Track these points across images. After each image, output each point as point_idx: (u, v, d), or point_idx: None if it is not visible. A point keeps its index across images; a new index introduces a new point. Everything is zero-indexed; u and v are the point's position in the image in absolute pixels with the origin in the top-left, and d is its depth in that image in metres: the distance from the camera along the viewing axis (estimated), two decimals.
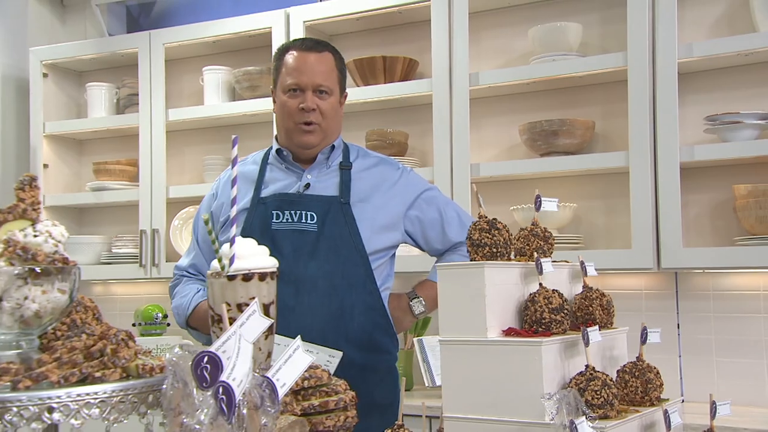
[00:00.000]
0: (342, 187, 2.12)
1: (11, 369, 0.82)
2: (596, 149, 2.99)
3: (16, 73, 3.94)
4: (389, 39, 3.40)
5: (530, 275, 1.60)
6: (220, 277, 0.93)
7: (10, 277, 0.85)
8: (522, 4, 3.11)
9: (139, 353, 0.91)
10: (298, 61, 2.11)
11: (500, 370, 1.45)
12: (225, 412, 0.71)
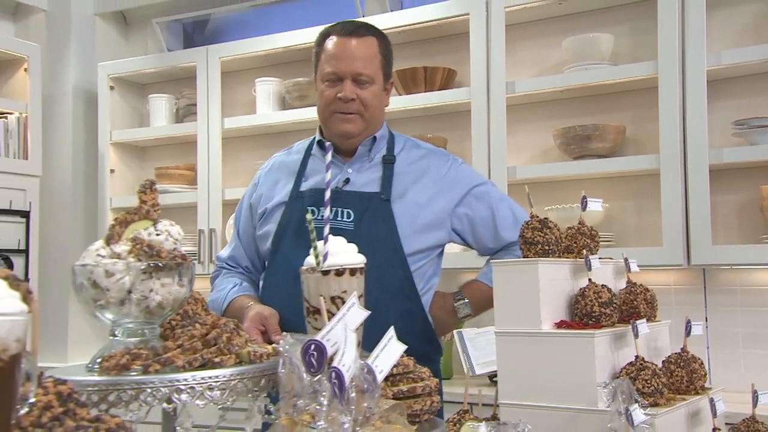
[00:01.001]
0: (383, 182, 1.87)
1: (142, 354, 0.85)
2: (627, 152, 2.96)
3: (86, 86, 4.00)
4: (429, 50, 3.40)
5: (579, 271, 1.59)
6: (315, 272, 0.95)
7: (137, 272, 0.87)
8: (556, 17, 3.10)
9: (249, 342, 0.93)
10: (337, 47, 1.85)
11: (554, 360, 1.45)
12: (338, 395, 0.72)
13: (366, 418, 0.77)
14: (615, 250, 2.69)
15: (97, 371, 0.86)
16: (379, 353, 0.84)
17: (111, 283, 0.86)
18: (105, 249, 0.88)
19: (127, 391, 0.80)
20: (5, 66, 3.58)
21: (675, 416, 1.41)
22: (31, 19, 4.03)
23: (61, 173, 3.89)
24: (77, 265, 0.89)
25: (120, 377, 0.82)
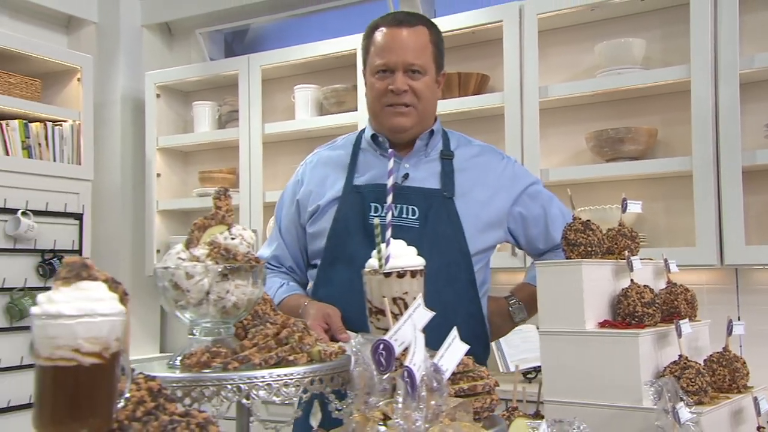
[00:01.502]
0: (444, 179, 1.76)
1: (221, 352, 0.87)
2: (658, 155, 2.94)
3: (134, 94, 4.07)
4: (463, 56, 3.40)
5: (620, 272, 1.59)
6: (377, 274, 0.96)
7: (215, 274, 0.89)
8: (588, 22, 3.08)
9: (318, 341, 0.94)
10: (387, 38, 1.72)
11: (598, 359, 1.44)
12: (410, 393, 0.74)
13: (435, 415, 0.78)
14: (647, 250, 2.66)
15: (179, 368, 0.88)
16: (444, 353, 0.85)
17: (191, 284, 0.88)
18: (185, 252, 0.90)
19: (209, 387, 0.82)
20: (60, 76, 3.65)
21: (719, 414, 1.40)
22: (82, 31, 4.11)
23: (111, 177, 3.96)
24: (159, 268, 0.91)
25: (201, 374, 0.84)
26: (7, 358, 3.19)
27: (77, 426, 0.66)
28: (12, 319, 3.21)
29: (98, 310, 0.66)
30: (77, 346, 0.65)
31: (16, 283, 3.23)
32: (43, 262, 3.33)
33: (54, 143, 3.47)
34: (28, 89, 3.45)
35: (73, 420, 0.66)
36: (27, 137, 3.38)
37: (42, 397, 0.67)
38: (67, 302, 0.66)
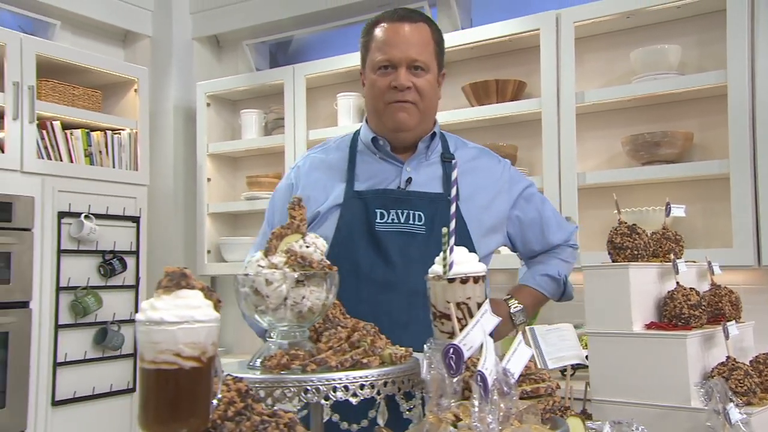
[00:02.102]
0: (447, 182, 1.65)
1: (299, 355, 0.88)
2: (694, 158, 2.89)
3: (185, 104, 4.13)
4: (500, 64, 3.39)
5: (666, 274, 1.58)
6: (441, 279, 0.96)
7: (292, 281, 0.91)
8: (624, 29, 3.05)
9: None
10: (389, 33, 1.59)
11: (646, 360, 1.44)
12: (483, 397, 0.74)
13: (505, 417, 0.78)
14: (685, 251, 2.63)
15: (259, 369, 0.90)
16: (510, 357, 0.86)
17: (270, 290, 0.90)
18: (264, 260, 0.92)
19: (290, 388, 0.83)
20: (118, 88, 3.72)
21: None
22: (138, 45, 4.18)
23: (165, 182, 4.03)
24: (241, 275, 0.93)
25: (282, 375, 0.85)
26: (72, 353, 3.26)
27: (178, 426, 0.68)
28: (76, 316, 3.28)
29: (196, 317, 0.68)
30: (178, 350, 0.67)
31: (80, 282, 3.30)
32: (104, 263, 3.40)
33: (113, 151, 3.53)
34: (90, 100, 3.52)
35: (175, 420, 0.68)
36: (89, 145, 3.45)
37: (146, 398, 0.69)
38: (168, 309, 0.68)
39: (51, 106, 3.29)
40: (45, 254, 3.17)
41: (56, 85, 3.36)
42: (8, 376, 3.01)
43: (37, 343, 3.12)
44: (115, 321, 3.43)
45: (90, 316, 3.32)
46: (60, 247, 3.23)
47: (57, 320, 3.20)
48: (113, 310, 3.41)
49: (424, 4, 3.67)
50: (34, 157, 3.17)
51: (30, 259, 3.10)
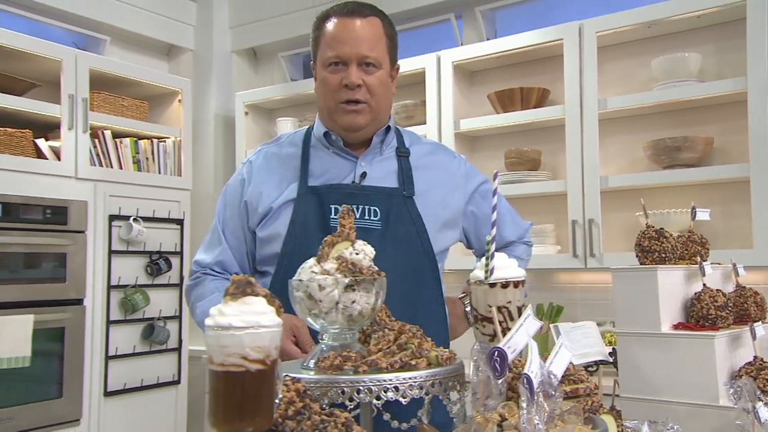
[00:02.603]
0: (402, 177, 1.54)
1: (351, 357, 0.88)
2: (714, 162, 2.85)
3: (225, 113, 4.17)
4: (524, 72, 3.37)
5: (692, 276, 1.55)
6: (483, 284, 0.96)
7: (343, 286, 0.91)
8: (645, 38, 3.01)
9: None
10: (338, 28, 1.48)
11: (674, 359, 1.42)
12: (529, 398, 0.74)
13: (550, 418, 0.78)
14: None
15: (313, 370, 0.90)
16: (553, 359, 0.85)
17: (323, 295, 0.90)
18: (317, 267, 0.92)
19: (344, 388, 0.84)
20: (163, 98, 3.77)
21: None
22: (181, 58, 4.23)
23: (206, 186, 4.07)
24: (295, 280, 0.93)
25: (336, 376, 0.86)
26: (122, 347, 3.31)
27: (245, 425, 0.69)
28: (126, 313, 3.32)
29: (261, 322, 0.69)
30: (245, 354, 0.68)
31: (129, 281, 3.35)
32: (151, 263, 3.44)
33: (159, 157, 3.58)
34: (137, 111, 3.57)
35: (242, 419, 0.69)
36: (137, 153, 3.50)
37: (216, 399, 0.70)
38: (236, 315, 0.68)
39: (102, 116, 3.34)
40: (97, 255, 3.22)
41: (107, 97, 3.41)
42: (64, 368, 3.06)
43: (90, 338, 3.17)
44: (161, 317, 3.47)
45: (138, 313, 3.36)
46: (111, 248, 3.27)
47: (108, 316, 3.25)
48: (159, 307, 3.45)
49: (450, 16, 3.67)
50: (87, 164, 3.22)
51: (83, 259, 3.15)
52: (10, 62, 3.13)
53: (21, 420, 2.90)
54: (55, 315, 3.02)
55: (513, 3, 3.53)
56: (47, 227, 3.02)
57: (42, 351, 2.97)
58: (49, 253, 3.03)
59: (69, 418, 3.07)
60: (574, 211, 2.94)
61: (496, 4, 3.57)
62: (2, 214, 2.89)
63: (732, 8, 2.66)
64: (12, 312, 2.86)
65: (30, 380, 2.94)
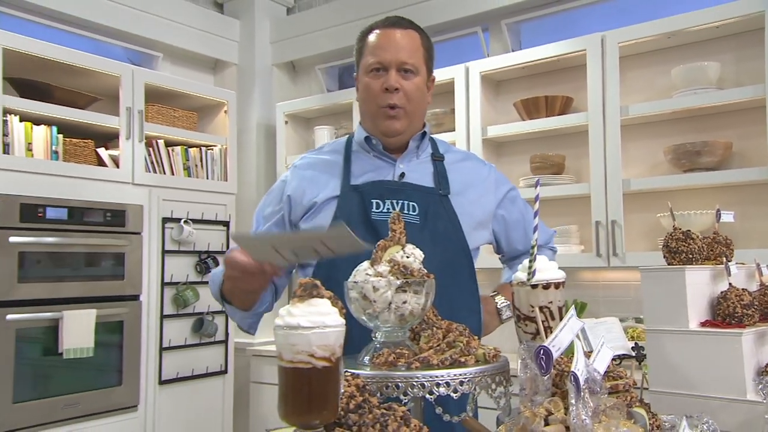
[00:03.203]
0: (438, 178, 1.56)
1: (404, 354, 0.88)
2: (733, 165, 2.79)
3: (266, 122, 4.21)
4: (548, 81, 3.34)
5: (718, 276, 1.52)
6: (525, 285, 0.95)
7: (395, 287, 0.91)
8: (665, 48, 2.96)
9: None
10: (380, 38, 1.52)
11: (703, 355, 1.39)
12: (575, 395, 0.73)
13: (595, 414, 0.77)
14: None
15: (368, 366, 0.90)
16: (595, 357, 0.84)
17: (377, 296, 0.90)
18: (371, 269, 0.93)
19: (399, 383, 0.84)
20: (210, 109, 3.82)
21: None
22: (226, 71, 4.28)
23: (249, 191, 4.11)
24: (351, 282, 0.94)
25: (390, 372, 0.86)
26: (174, 339, 3.36)
27: (312, 417, 0.69)
28: (178, 308, 3.37)
29: (327, 322, 0.69)
30: (312, 351, 0.68)
31: (180, 278, 3.39)
32: (200, 261, 3.48)
33: (207, 164, 3.62)
34: (187, 121, 3.62)
35: (310, 413, 0.69)
36: (187, 160, 3.55)
37: (285, 393, 0.71)
38: (303, 316, 0.69)
39: (156, 126, 3.40)
40: (152, 254, 3.27)
41: (160, 109, 3.46)
42: (123, 358, 3.12)
43: (146, 331, 3.23)
44: (209, 312, 3.51)
45: (189, 308, 3.41)
46: (164, 248, 3.32)
47: (162, 311, 3.30)
48: (208, 303, 3.50)
49: (477, 29, 3.65)
50: (143, 171, 3.27)
51: (139, 258, 3.20)
52: (74, 78, 3.20)
53: (86, 405, 2.96)
54: (114, 309, 3.08)
55: (537, 16, 3.50)
56: (107, 229, 3.08)
57: (103, 342, 3.03)
58: (108, 252, 3.09)
59: (128, 404, 3.13)
60: (598, 212, 2.91)
61: (521, 17, 3.54)
62: (67, 218, 2.95)
63: (750, 18, 2.60)
64: (76, 307, 2.93)
65: (93, 369, 3.00)
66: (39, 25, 3.44)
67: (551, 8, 3.43)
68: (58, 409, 2.86)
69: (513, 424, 0.77)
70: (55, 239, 2.90)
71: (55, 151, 3.01)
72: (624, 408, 0.78)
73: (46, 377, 2.85)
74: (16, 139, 2.86)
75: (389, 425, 0.70)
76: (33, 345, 2.81)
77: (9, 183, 2.78)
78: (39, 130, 2.96)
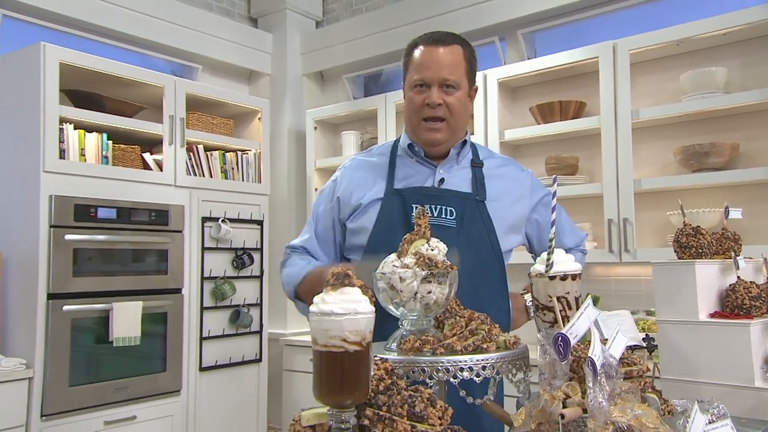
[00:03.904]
0: (476, 184, 1.56)
1: (429, 340, 0.88)
2: (740, 165, 2.74)
3: (297, 128, 4.23)
4: (562, 87, 3.31)
5: (726, 269, 1.49)
6: (544, 276, 0.95)
7: (421, 278, 0.91)
8: (674, 55, 2.92)
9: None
10: (424, 55, 1.52)
11: (712, 345, 1.36)
12: (592, 379, 0.72)
13: (611, 397, 0.76)
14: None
15: (396, 352, 0.91)
16: (611, 344, 0.83)
17: (404, 286, 0.91)
18: (398, 261, 0.93)
19: (425, 368, 0.84)
20: (246, 117, 3.85)
21: None
22: (260, 81, 4.32)
23: (281, 192, 4.14)
24: (379, 273, 0.94)
25: (416, 357, 0.86)
26: (213, 329, 3.40)
27: (344, 398, 0.70)
28: (216, 300, 3.41)
29: (358, 309, 0.70)
30: (344, 336, 0.69)
31: (218, 273, 3.43)
32: (236, 257, 3.52)
33: (243, 167, 3.66)
34: (225, 128, 3.66)
35: (342, 393, 0.70)
36: (224, 163, 3.58)
37: (319, 375, 0.71)
38: (336, 303, 0.70)
39: (196, 133, 3.44)
40: (192, 251, 3.31)
41: (200, 117, 3.51)
42: (167, 347, 3.17)
43: (188, 321, 3.27)
44: (245, 304, 3.55)
45: (226, 300, 3.44)
46: (203, 245, 3.36)
47: (202, 303, 3.34)
48: (244, 296, 3.53)
49: (495, 39, 3.63)
50: (184, 174, 3.32)
51: (181, 254, 3.24)
52: (122, 89, 3.25)
53: (134, 389, 3.01)
54: (159, 302, 3.13)
55: (551, 26, 3.47)
56: (152, 228, 3.13)
57: (149, 332, 3.07)
58: (153, 249, 3.14)
59: (172, 389, 3.17)
60: (610, 210, 2.87)
61: (536, 27, 3.52)
62: (116, 217, 3.00)
63: (756, 26, 2.55)
64: (124, 299, 2.98)
65: (140, 356, 3.04)
66: (91, 41, 3.51)
67: (564, 18, 3.40)
68: (109, 393, 2.92)
69: (533, 407, 0.77)
70: (106, 237, 2.95)
71: (105, 156, 3.07)
72: (638, 392, 0.77)
73: (98, 363, 2.91)
74: (71, 145, 2.92)
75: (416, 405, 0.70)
76: (86, 334, 2.87)
77: (65, 186, 2.84)
78: (91, 137, 3.01)
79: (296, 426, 0.73)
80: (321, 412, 0.71)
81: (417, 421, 0.70)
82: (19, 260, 2.83)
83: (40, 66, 2.80)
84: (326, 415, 0.70)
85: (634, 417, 0.71)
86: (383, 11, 3.99)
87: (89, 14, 3.39)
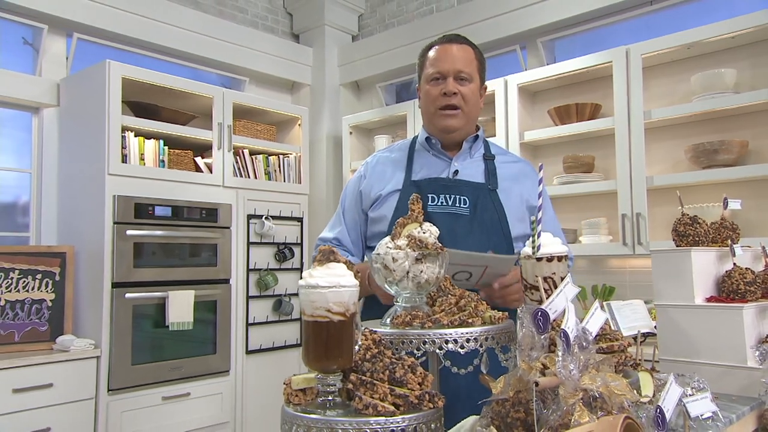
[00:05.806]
0: (488, 174, 1.55)
1: (419, 315, 0.88)
2: (749, 162, 2.62)
3: (334, 133, 4.27)
4: (578, 90, 3.24)
5: (723, 257, 1.44)
6: (531, 258, 0.94)
7: (412, 258, 0.91)
8: (685, 58, 2.82)
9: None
10: (440, 51, 1.53)
11: (707, 327, 1.32)
12: (566, 350, 0.71)
13: (584, 367, 0.75)
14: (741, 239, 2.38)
15: (389, 326, 0.91)
16: (589, 319, 0.82)
17: (396, 266, 0.91)
18: (391, 243, 0.94)
19: (413, 340, 0.84)
20: (287, 123, 3.91)
21: None
22: (301, 91, 4.38)
23: (320, 192, 4.18)
24: (374, 254, 0.95)
25: (406, 330, 0.86)
26: (258, 316, 3.46)
27: (330, 363, 0.71)
28: (260, 290, 3.48)
29: (342, 282, 0.71)
30: (329, 307, 0.70)
31: (262, 265, 3.50)
32: (278, 251, 3.57)
33: (284, 170, 3.72)
34: (268, 133, 3.72)
35: (327, 359, 0.71)
36: (268, 166, 3.65)
37: (307, 343, 0.73)
38: (322, 277, 0.71)
39: (242, 138, 3.52)
40: (239, 245, 3.38)
41: (245, 124, 3.58)
42: (217, 331, 3.25)
43: (235, 309, 3.34)
44: (287, 294, 3.60)
45: (269, 290, 3.50)
46: (249, 240, 3.43)
47: (248, 292, 3.41)
48: (285, 286, 3.59)
49: (516, 47, 3.58)
50: (231, 176, 3.39)
51: (229, 248, 3.32)
52: (175, 100, 3.36)
53: (187, 369, 3.10)
54: (209, 291, 3.21)
55: (569, 34, 3.40)
56: (203, 224, 3.21)
57: (201, 318, 3.16)
58: (204, 243, 3.23)
59: (221, 369, 3.25)
60: (624, 206, 2.80)
61: (555, 36, 3.45)
62: (171, 215, 3.10)
63: (763, 29, 2.45)
64: (179, 288, 3.07)
65: (193, 340, 3.13)
66: (149, 57, 3.63)
67: (581, 27, 3.33)
68: (166, 371, 3.01)
69: (511, 375, 0.76)
70: (162, 232, 3.05)
71: (162, 160, 3.17)
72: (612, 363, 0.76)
73: (156, 345, 3.01)
74: (132, 151, 3.03)
75: (397, 371, 0.71)
76: (146, 319, 2.97)
77: (127, 186, 2.96)
78: (149, 143, 3.12)
79: (288, 389, 0.75)
80: (310, 377, 0.73)
81: (396, 386, 0.70)
82: (87, 253, 2.96)
83: (106, 81, 2.92)
84: (314, 379, 0.71)
85: (603, 384, 0.70)
86: (413, 25, 3.99)
87: (148, 34, 3.51)
